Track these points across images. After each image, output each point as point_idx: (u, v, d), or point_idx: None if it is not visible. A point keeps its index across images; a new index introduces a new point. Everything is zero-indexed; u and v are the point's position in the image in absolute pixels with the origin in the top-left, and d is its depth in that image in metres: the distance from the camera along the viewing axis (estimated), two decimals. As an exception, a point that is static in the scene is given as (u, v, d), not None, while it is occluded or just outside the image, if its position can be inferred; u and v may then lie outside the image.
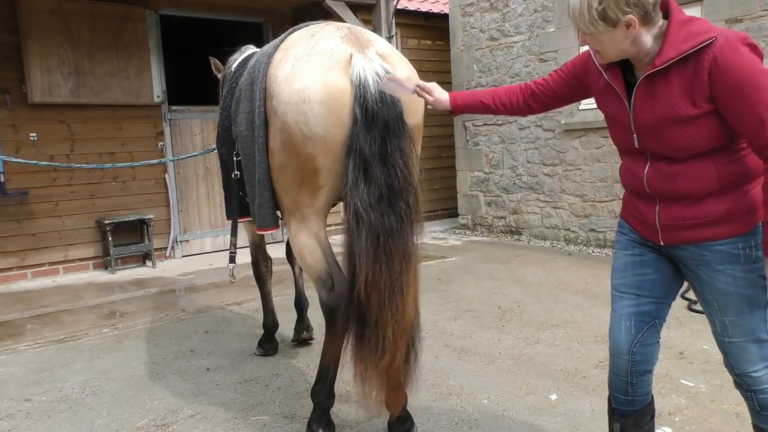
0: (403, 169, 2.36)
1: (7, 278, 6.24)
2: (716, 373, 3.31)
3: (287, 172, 2.55)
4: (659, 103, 1.74)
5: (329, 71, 2.38)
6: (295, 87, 2.41)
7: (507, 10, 7.71)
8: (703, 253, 1.82)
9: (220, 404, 3.18)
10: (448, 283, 5.54)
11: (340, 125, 2.38)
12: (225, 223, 7.60)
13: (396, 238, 2.33)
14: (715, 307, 1.85)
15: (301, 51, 2.49)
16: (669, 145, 1.77)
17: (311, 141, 2.41)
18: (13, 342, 4.33)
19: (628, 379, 2.02)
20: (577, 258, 6.47)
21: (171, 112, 7.18)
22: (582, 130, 6.92)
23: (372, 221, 2.30)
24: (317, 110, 2.37)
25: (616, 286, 2.08)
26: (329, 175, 2.48)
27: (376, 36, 2.65)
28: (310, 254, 2.61)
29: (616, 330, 2.04)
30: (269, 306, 3.92)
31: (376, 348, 2.34)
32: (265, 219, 2.70)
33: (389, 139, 2.33)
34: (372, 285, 2.31)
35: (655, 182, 1.84)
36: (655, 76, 1.73)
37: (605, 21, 1.68)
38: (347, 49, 2.43)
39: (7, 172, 6.07)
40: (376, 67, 2.38)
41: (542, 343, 3.89)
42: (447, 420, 2.90)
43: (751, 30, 5.37)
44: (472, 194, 8.49)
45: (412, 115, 2.51)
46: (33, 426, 3.03)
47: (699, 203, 1.78)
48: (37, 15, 6.09)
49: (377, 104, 2.33)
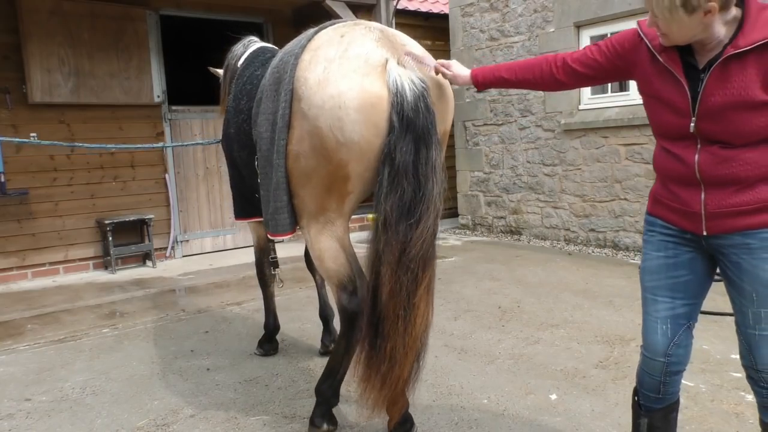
0: (434, 179, 2.33)
1: (7, 278, 6.24)
2: (716, 373, 3.31)
3: (315, 179, 2.49)
4: (733, 86, 1.71)
5: (366, 77, 2.33)
6: (330, 91, 2.34)
7: (507, 10, 7.71)
8: (749, 241, 1.79)
9: (220, 404, 3.18)
10: (448, 283, 5.54)
11: (376, 133, 2.34)
12: (225, 223, 7.61)
13: (420, 249, 2.30)
14: (753, 297, 1.82)
15: (333, 53, 2.42)
16: (733, 130, 1.74)
17: (345, 147, 2.36)
18: (13, 342, 4.34)
19: (662, 379, 2.03)
20: (577, 258, 6.48)
21: (171, 112, 7.18)
22: (582, 130, 6.92)
23: (400, 230, 2.28)
24: (354, 117, 2.32)
25: (649, 289, 2.04)
26: (360, 182, 2.45)
27: (408, 39, 2.62)
28: (332, 258, 2.57)
29: (651, 333, 2.03)
30: (271, 308, 3.89)
31: (385, 357, 2.33)
32: (282, 224, 2.63)
33: (422, 148, 2.31)
34: (393, 295, 2.30)
35: (708, 166, 1.79)
36: (731, 60, 1.71)
37: (685, 8, 1.64)
38: (383, 54, 2.38)
39: (7, 172, 6.07)
40: (412, 74, 2.35)
41: (542, 343, 3.89)
42: (447, 420, 2.90)
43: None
44: (472, 194, 8.49)
45: (441, 123, 2.48)
46: (33, 426, 3.03)
47: (750, 189, 1.76)
48: (37, 15, 6.09)
49: (413, 112, 2.30)
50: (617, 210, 6.64)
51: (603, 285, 5.25)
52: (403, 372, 2.38)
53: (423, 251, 2.31)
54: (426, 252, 2.32)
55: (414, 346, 2.36)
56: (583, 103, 6.98)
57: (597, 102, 6.86)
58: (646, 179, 6.31)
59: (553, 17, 7.14)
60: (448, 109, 2.60)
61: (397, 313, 2.30)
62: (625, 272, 5.68)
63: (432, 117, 2.35)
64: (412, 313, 2.31)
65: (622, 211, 6.60)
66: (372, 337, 2.38)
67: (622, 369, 3.43)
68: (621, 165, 6.56)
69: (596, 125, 6.69)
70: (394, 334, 2.31)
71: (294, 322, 4.49)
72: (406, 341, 2.32)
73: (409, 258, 2.29)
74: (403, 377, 2.40)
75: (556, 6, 7.08)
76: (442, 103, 2.53)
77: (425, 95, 2.34)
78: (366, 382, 2.44)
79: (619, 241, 6.65)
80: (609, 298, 4.84)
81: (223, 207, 7.57)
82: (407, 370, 2.39)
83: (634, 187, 6.45)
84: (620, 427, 2.76)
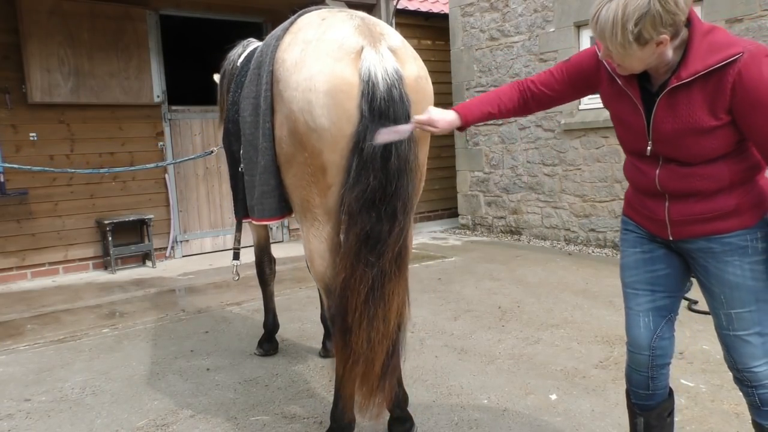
0: (406, 172, 2.27)
1: (7, 278, 6.24)
2: (716, 373, 3.31)
3: (295, 166, 2.46)
4: (681, 114, 1.74)
5: (338, 61, 2.29)
6: (304, 74, 2.31)
7: (507, 10, 7.71)
8: (712, 245, 1.84)
9: (220, 404, 3.18)
10: (448, 283, 5.54)
11: (347, 119, 2.28)
12: (225, 223, 7.61)
13: (386, 243, 2.25)
14: (722, 299, 1.87)
15: (311, 35, 2.39)
16: (687, 153, 1.78)
17: (316, 134, 2.31)
18: (13, 342, 4.33)
19: (649, 373, 2.05)
20: (577, 258, 6.47)
21: (171, 112, 7.18)
22: (582, 130, 6.92)
23: (364, 222, 2.23)
24: (323, 101, 2.28)
25: (629, 284, 2.08)
26: (338, 172, 2.35)
27: (389, 29, 2.55)
28: (320, 259, 2.50)
29: (634, 327, 2.05)
30: (271, 307, 3.89)
31: (352, 352, 2.27)
32: (270, 208, 2.59)
33: (397, 142, 2.25)
34: (349, 287, 2.24)
35: (667, 182, 1.85)
36: (677, 90, 1.74)
37: (638, 42, 1.65)
38: (359, 41, 2.33)
39: (7, 172, 6.07)
40: (386, 64, 2.29)
41: (542, 343, 3.89)
42: (447, 420, 2.90)
43: (751, 30, 5.37)
44: (472, 194, 8.49)
45: None
46: (33, 426, 3.03)
47: (710, 199, 1.81)
48: (37, 15, 6.09)
49: (385, 102, 2.24)
50: (617, 210, 6.63)
51: (603, 285, 5.25)
52: (373, 366, 2.30)
53: (390, 247, 2.26)
54: (395, 248, 2.27)
55: (384, 342, 2.29)
56: (583, 102, 6.98)
57: (597, 102, 6.85)
58: (646, 179, 6.30)
59: (554, 17, 7.14)
60: (425, 101, 2.48)
61: (359, 306, 2.23)
62: (625, 272, 5.66)
63: (406, 108, 2.28)
64: (380, 308, 2.25)
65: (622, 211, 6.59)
66: (341, 331, 2.32)
67: (622, 369, 3.40)
68: (621, 165, 6.51)
69: (596, 125, 6.69)
70: (357, 328, 2.25)
71: (294, 322, 4.49)
72: (372, 336, 2.25)
73: (373, 252, 2.23)
74: (375, 373, 2.31)
75: (556, 6, 7.08)
76: (419, 99, 2.43)
77: (399, 85, 2.28)
78: (340, 376, 2.39)
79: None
80: (609, 298, 4.84)
81: (223, 207, 7.57)
82: (378, 366, 2.30)
83: (634, 187, 6.44)
84: (620, 427, 2.76)
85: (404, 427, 2.68)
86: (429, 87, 2.57)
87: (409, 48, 2.56)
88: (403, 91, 2.30)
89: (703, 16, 5.72)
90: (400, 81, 2.30)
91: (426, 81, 2.54)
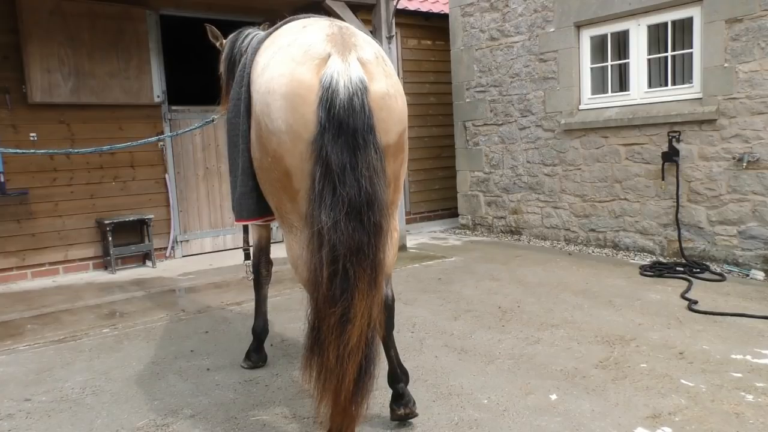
0: (370, 185, 2.20)
1: (7, 278, 6.24)
2: (716, 373, 3.31)
3: (264, 171, 2.49)
4: None
5: (299, 65, 2.28)
6: (266, 76, 2.34)
7: (507, 10, 7.71)
8: None
9: (220, 404, 3.18)
10: (448, 283, 5.54)
11: (303, 125, 2.24)
12: (225, 223, 7.61)
13: (358, 257, 2.18)
14: None
15: (285, 40, 2.42)
16: None
17: (275, 137, 2.30)
18: (13, 342, 4.33)
19: None
20: (577, 258, 6.47)
21: (171, 112, 7.18)
22: (582, 130, 6.92)
23: (332, 236, 2.15)
24: (279, 103, 2.27)
25: None
26: (303, 178, 2.30)
27: (365, 40, 2.49)
28: (303, 264, 2.40)
29: None
30: (262, 310, 3.78)
31: (321, 367, 2.21)
32: (249, 209, 2.63)
33: (358, 152, 2.19)
34: (326, 299, 2.17)
35: None
36: None
37: None
38: (326, 48, 2.30)
39: (7, 172, 6.07)
40: (351, 73, 2.24)
41: (542, 343, 3.89)
42: (447, 420, 2.90)
43: (751, 30, 5.37)
44: (472, 194, 8.49)
45: (384, 134, 2.34)
46: (33, 426, 3.03)
47: None
48: (37, 15, 6.09)
49: (344, 112, 2.19)
50: (617, 210, 6.64)
51: (603, 285, 5.25)
52: (342, 381, 2.20)
53: (358, 257, 2.17)
54: (364, 259, 2.19)
55: (351, 358, 2.19)
56: (583, 103, 6.98)
57: (597, 102, 6.86)
58: (646, 179, 6.30)
59: (554, 17, 7.13)
60: (392, 119, 2.41)
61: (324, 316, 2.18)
62: (625, 272, 5.67)
63: (368, 118, 2.22)
64: (340, 323, 2.17)
65: (622, 211, 6.60)
66: (312, 341, 2.26)
67: (622, 369, 3.43)
68: (621, 165, 6.56)
69: (596, 125, 6.69)
70: (323, 343, 2.19)
71: (294, 322, 4.48)
72: (340, 353, 2.16)
73: (340, 262, 2.15)
74: (347, 388, 2.22)
75: (556, 6, 7.08)
76: (384, 113, 2.36)
77: (361, 96, 2.23)
78: (313, 389, 2.32)
79: (619, 241, 6.65)
80: (609, 298, 4.84)
81: (222, 207, 7.57)
82: (348, 380, 2.21)
83: (634, 187, 6.44)
84: (620, 427, 2.76)
85: (402, 401, 2.77)
86: (398, 106, 2.47)
87: (384, 64, 2.48)
88: (366, 102, 2.24)
89: (703, 16, 5.72)
90: (364, 92, 2.25)
91: (394, 99, 2.45)
